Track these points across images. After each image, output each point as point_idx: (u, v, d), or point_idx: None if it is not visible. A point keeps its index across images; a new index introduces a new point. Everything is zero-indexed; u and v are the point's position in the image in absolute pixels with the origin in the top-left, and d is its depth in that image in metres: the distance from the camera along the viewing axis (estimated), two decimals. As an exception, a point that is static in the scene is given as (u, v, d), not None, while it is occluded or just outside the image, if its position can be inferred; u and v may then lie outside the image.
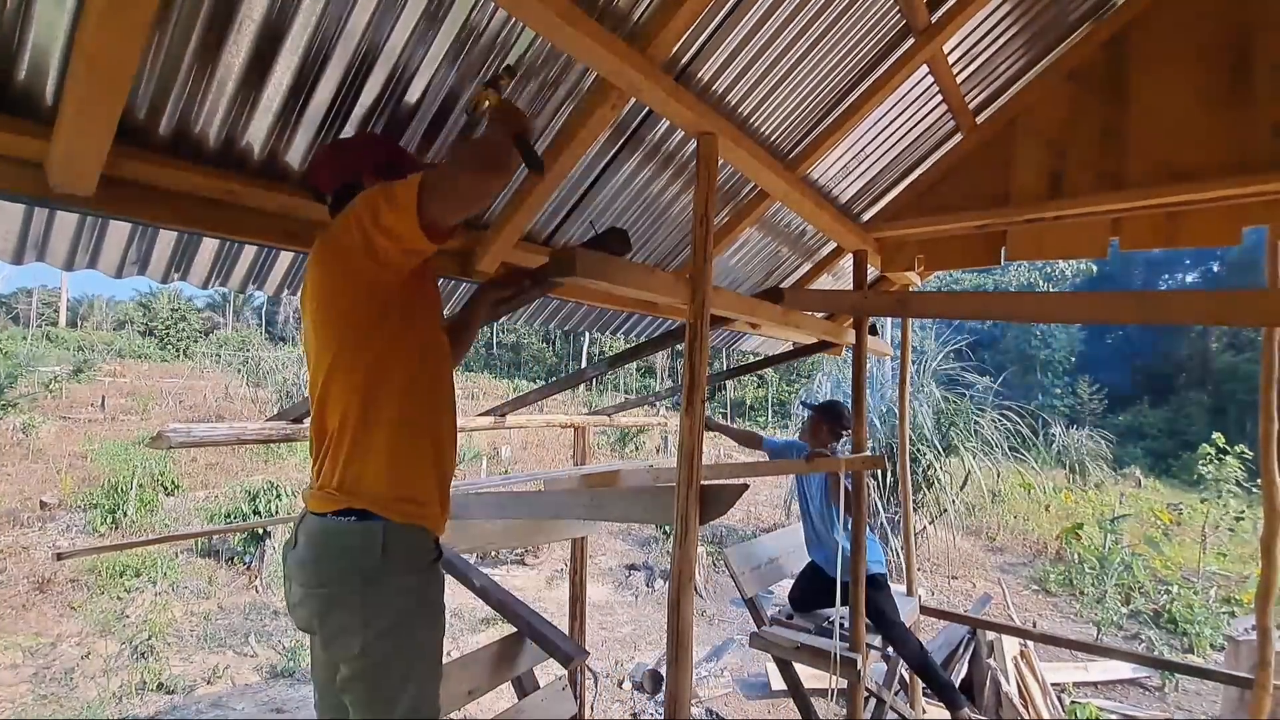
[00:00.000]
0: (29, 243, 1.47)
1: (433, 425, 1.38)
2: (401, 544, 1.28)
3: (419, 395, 1.35)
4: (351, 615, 1.24)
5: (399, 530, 1.27)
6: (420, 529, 1.32)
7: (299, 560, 1.29)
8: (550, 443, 16.03)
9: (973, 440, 9.12)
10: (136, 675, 5.63)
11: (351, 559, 1.25)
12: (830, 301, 3.48)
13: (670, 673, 1.78)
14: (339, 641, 1.25)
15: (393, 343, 1.30)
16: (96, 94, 1.09)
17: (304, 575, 1.28)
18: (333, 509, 1.27)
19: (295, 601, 1.31)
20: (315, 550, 1.28)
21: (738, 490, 1.94)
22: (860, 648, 2.89)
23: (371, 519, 1.26)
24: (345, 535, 1.26)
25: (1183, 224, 2.57)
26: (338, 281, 1.29)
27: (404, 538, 1.28)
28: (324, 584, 1.26)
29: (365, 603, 1.24)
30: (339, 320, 1.29)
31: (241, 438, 2.34)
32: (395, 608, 1.26)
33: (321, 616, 1.27)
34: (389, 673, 1.25)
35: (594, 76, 1.74)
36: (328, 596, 1.26)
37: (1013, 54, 2.79)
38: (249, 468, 13.00)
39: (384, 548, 1.25)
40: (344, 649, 1.24)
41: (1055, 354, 23.77)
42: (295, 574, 1.30)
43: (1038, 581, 8.90)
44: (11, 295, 31.79)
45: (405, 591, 1.28)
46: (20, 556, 8.23)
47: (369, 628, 1.23)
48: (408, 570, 1.29)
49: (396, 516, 1.27)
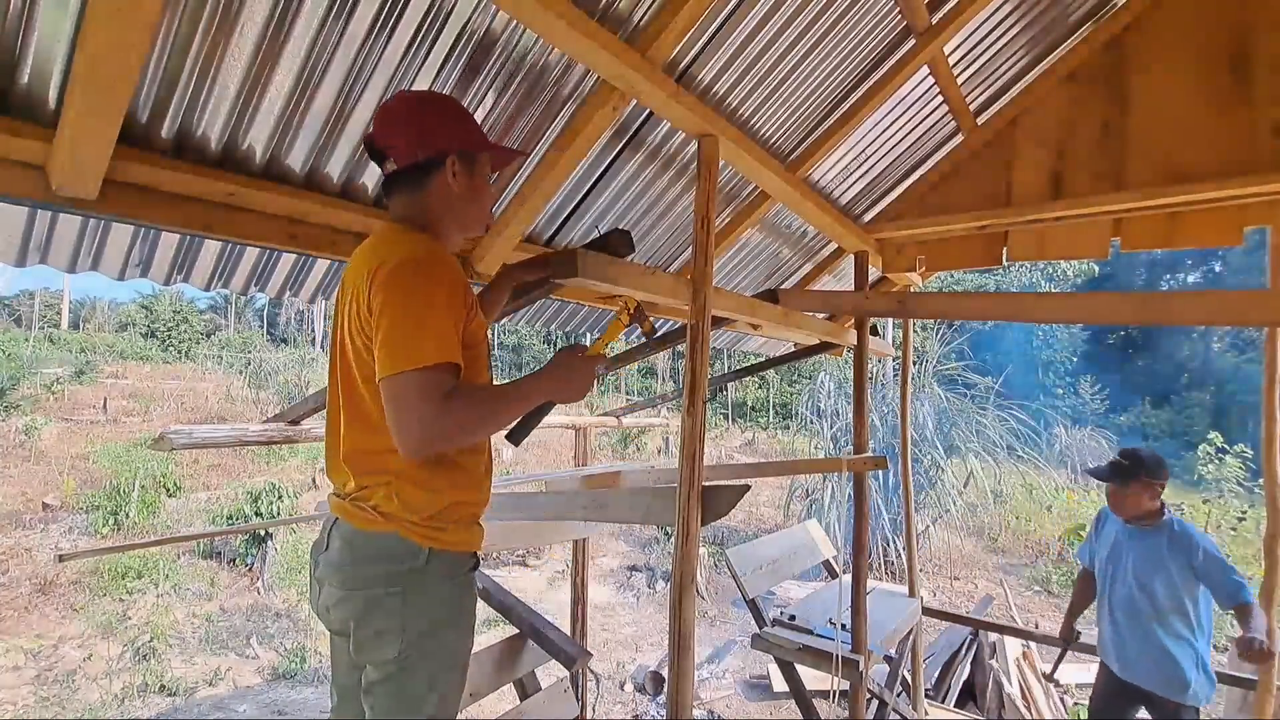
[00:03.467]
0: (31, 245, 1.47)
1: (478, 449, 1.35)
2: (443, 557, 1.25)
3: None
4: (391, 619, 1.21)
5: (440, 550, 1.26)
6: (462, 552, 1.31)
7: (334, 564, 1.25)
8: (551, 444, 16.03)
9: (974, 440, 9.12)
10: (138, 677, 5.63)
11: (395, 562, 1.22)
12: (831, 302, 3.48)
13: (672, 674, 1.78)
14: (374, 644, 1.23)
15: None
16: (99, 97, 1.10)
17: (341, 577, 1.24)
18: (372, 529, 1.23)
19: (330, 604, 1.27)
20: (355, 553, 1.24)
21: (739, 491, 1.94)
22: (862, 649, 2.89)
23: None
24: (388, 542, 1.23)
25: (1184, 224, 2.57)
26: (391, 303, 1.14)
27: (446, 554, 1.26)
28: (366, 586, 1.22)
29: (406, 607, 1.21)
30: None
31: (243, 439, 2.34)
32: (433, 614, 1.24)
33: (359, 619, 1.23)
34: (417, 678, 1.23)
35: (595, 79, 1.74)
36: (368, 598, 1.22)
37: (1013, 55, 2.79)
38: (250, 469, 13.01)
39: (427, 558, 1.23)
40: (379, 653, 1.22)
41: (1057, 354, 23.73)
42: (330, 576, 1.26)
43: (1040, 582, 8.88)
44: (14, 297, 31.87)
45: (444, 599, 1.26)
46: (22, 558, 8.23)
47: (407, 632, 1.21)
48: (448, 577, 1.26)
49: (440, 544, 1.25)
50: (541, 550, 9.11)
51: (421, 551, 1.22)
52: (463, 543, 1.29)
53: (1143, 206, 2.59)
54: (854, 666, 2.79)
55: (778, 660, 3.18)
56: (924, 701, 4.14)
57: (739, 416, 24.79)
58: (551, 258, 1.73)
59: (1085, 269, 20.37)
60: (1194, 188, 2.43)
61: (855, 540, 3.03)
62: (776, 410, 22.96)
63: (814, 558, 4.03)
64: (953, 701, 4.64)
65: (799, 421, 11.73)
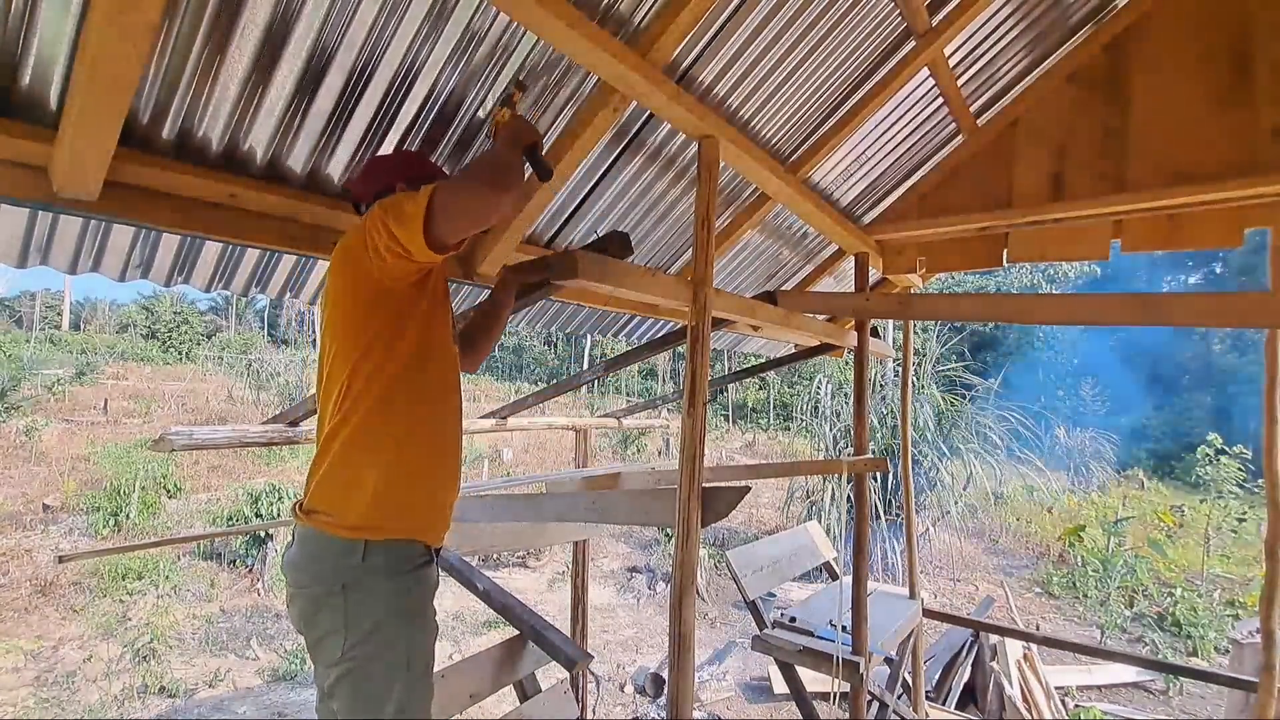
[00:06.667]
0: (33, 246, 1.48)
1: (432, 434, 1.37)
2: (382, 552, 1.28)
3: (419, 403, 1.34)
4: (334, 617, 1.24)
5: (379, 543, 1.28)
6: (404, 540, 1.32)
7: (291, 562, 1.32)
8: (552, 445, 16.02)
9: (975, 442, 9.11)
10: (138, 678, 5.62)
11: (333, 562, 1.26)
12: (832, 304, 3.48)
13: (672, 676, 1.78)
14: (323, 645, 1.26)
15: (391, 350, 1.30)
16: (100, 98, 1.10)
17: (294, 576, 1.30)
18: (313, 529, 1.29)
19: (288, 602, 1.34)
20: (303, 554, 1.30)
21: (739, 492, 1.94)
22: (863, 651, 2.89)
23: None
24: (325, 542, 1.27)
25: (1184, 226, 2.57)
26: (347, 285, 1.30)
27: (386, 547, 1.28)
28: (309, 585, 1.28)
29: (347, 606, 1.24)
30: (343, 322, 1.30)
31: (243, 440, 2.34)
32: (376, 612, 1.25)
33: (309, 619, 1.28)
34: (371, 678, 1.24)
35: (595, 80, 1.74)
36: (313, 598, 1.27)
37: (1014, 56, 2.79)
38: (251, 470, 13.00)
39: (364, 554, 1.26)
40: (327, 654, 1.25)
41: (1057, 355, 23.72)
42: (288, 575, 1.32)
43: (1041, 584, 8.87)
44: (15, 298, 31.87)
45: (387, 595, 1.27)
46: (22, 559, 8.23)
47: (350, 631, 1.23)
48: (389, 575, 1.28)
49: (376, 535, 1.28)
50: (542, 552, 9.10)
51: (357, 546, 1.25)
52: (401, 530, 1.30)
53: (1143, 208, 2.59)
54: (854, 668, 2.79)
55: (778, 662, 3.18)
56: (925, 703, 4.13)
57: (739, 418, 24.76)
58: (551, 260, 1.74)
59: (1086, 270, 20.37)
60: (1194, 189, 2.43)
61: (855, 542, 3.03)
62: (777, 412, 22.94)
63: (814, 559, 4.02)
64: (953, 703, 4.63)
65: (799, 423, 11.73)
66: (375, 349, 1.29)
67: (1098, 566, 8.05)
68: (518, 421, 3.50)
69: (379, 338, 1.29)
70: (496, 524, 2.82)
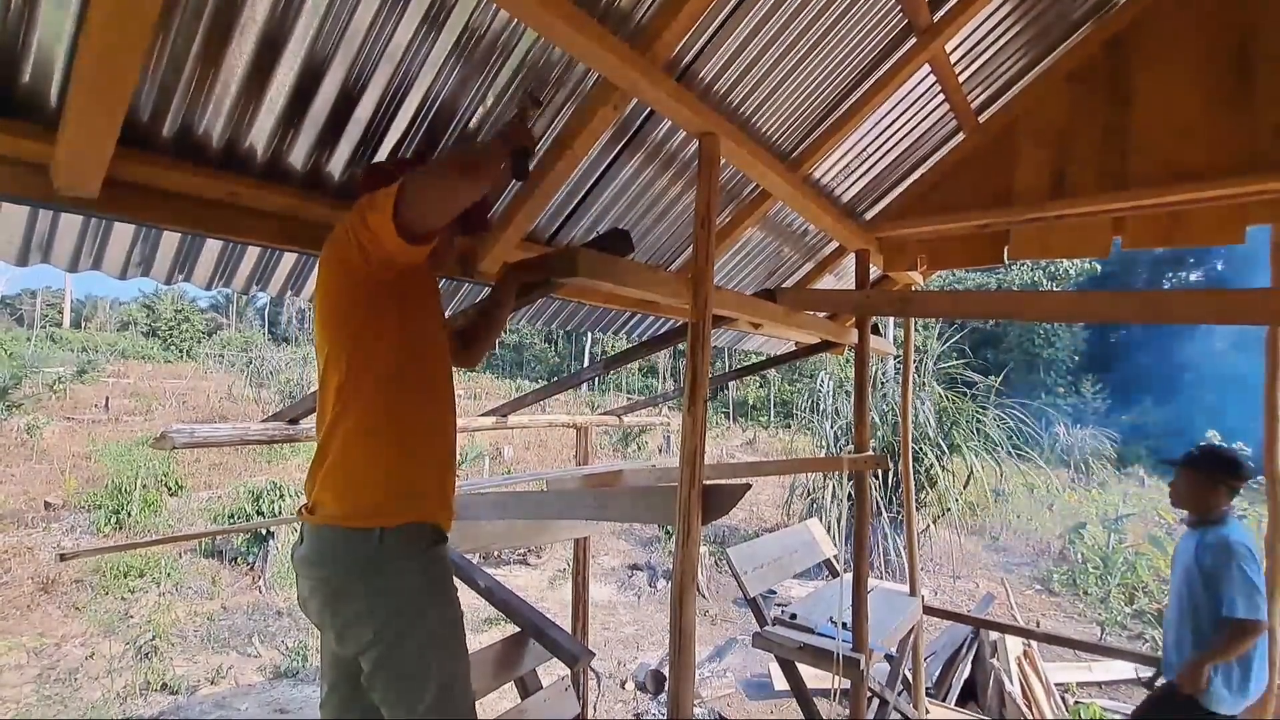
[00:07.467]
0: (33, 244, 1.48)
1: (426, 422, 1.38)
2: (397, 536, 1.29)
3: (415, 391, 1.36)
4: (357, 602, 1.26)
5: (393, 528, 1.29)
6: (417, 523, 1.33)
7: (302, 557, 1.33)
8: (552, 443, 16.03)
9: (975, 439, 9.10)
10: (140, 676, 5.64)
11: (350, 550, 1.27)
12: (832, 301, 3.48)
13: (673, 673, 1.79)
14: (352, 633, 1.27)
15: (381, 339, 1.31)
16: (100, 96, 1.10)
17: (310, 570, 1.31)
18: (325, 523, 1.29)
19: (306, 596, 1.34)
20: (318, 546, 1.30)
21: (740, 490, 1.94)
22: (864, 648, 2.89)
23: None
24: (340, 534, 1.28)
25: (1185, 223, 2.57)
26: (334, 278, 1.32)
27: (400, 531, 1.30)
28: (327, 574, 1.29)
29: (369, 589, 1.26)
30: (333, 315, 1.32)
31: (244, 438, 2.34)
32: (400, 590, 1.27)
33: (331, 609, 1.29)
34: (406, 655, 1.26)
35: (596, 77, 1.74)
36: (334, 587, 1.28)
37: (1015, 53, 2.78)
38: (252, 468, 13.02)
39: (380, 539, 1.27)
40: (357, 640, 1.26)
41: (1058, 353, 23.72)
42: (301, 570, 1.33)
43: (1041, 581, 8.87)
44: (16, 296, 31.93)
45: (408, 573, 1.29)
46: (25, 557, 8.25)
47: (376, 613, 1.25)
48: (408, 555, 1.30)
49: (390, 521, 1.29)
50: (543, 549, 9.11)
51: (372, 534, 1.26)
52: (413, 513, 1.32)
53: (1144, 205, 2.59)
54: (855, 665, 2.79)
55: (779, 659, 3.19)
56: (925, 700, 4.14)
57: (740, 415, 24.77)
58: (551, 257, 1.75)
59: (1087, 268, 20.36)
60: (1195, 186, 2.42)
61: (856, 539, 3.03)
62: (778, 409, 22.95)
63: (815, 556, 4.03)
64: (954, 700, 4.63)
65: (800, 420, 11.72)
66: (365, 338, 1.30)
67: (1098, 563, 8.05)
68: (518, 419, 3.50)
69: (368, 327, 1.30)
70: (498, 521, 2.82)
